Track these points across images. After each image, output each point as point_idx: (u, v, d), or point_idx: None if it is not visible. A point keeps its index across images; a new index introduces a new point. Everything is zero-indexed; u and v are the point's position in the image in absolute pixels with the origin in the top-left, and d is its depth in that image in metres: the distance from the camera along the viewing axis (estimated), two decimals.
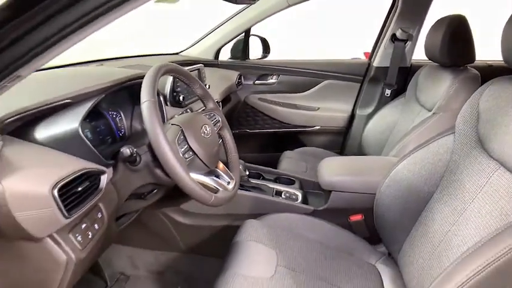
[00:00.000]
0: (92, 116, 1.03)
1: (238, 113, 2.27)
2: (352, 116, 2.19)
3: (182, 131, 0.93)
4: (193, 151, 0.94)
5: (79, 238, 0.77)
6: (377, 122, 1.97)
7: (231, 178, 1.05)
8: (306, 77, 2.22)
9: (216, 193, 0.93)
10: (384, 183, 1.20)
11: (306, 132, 2.26)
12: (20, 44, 0.54)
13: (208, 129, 1.01)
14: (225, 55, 2.28)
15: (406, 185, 1.14)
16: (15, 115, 0.77)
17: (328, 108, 2.21)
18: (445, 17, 1.50)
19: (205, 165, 0.97)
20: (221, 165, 1.08)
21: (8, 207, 0.65)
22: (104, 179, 0.81)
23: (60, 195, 0.68)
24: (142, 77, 0.96)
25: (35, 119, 0.81)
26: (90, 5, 0.51)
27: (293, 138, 2.29)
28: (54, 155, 0.77)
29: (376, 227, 1.23)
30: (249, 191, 1.44)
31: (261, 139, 2.35)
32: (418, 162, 1.12)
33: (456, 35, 1.46)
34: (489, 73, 1.24)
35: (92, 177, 0.78)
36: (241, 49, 2.20)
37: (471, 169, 0.95)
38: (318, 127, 2.23)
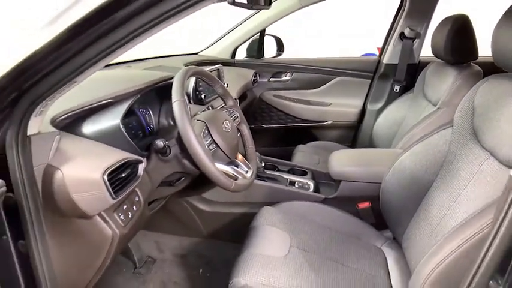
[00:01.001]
0: (125, 113, 1.17)
1: (254, 109, 2.39)
2: (363, 111, 2.28)
3: (206, 126, 1.06)
4: (216, 143, 1.07)
5: (122, 217, 0.91)
6: (386, 117, 2.06)
7: (248, 168, 1.17)
8: (318, 74, 2.32)
9: (236, 180, 1.06)
10: (389, 173, 1.30)
11: (319, 126, 2.36)
12: (80, 56, 0.68)
13: (228, 124, 1.14)
14: (241, 54, 2.41)
15: (409, 174, 1.24)
16: (66, 113, 0.91)
17: (339, 104, 2.31)
18: (449, 17, 1.58)
19: (227, 156, 1.10)
20: (240, 156, 1.21)
21: (67, 189, 0.79)
22: (141, 168, 0.95)
23: (108, 180, 0.82)
24: (170, 79, 1.09)
25: (82, 117, 0.96)
26: (132, 26, 0.64)
27: (306, 132, 2.40)
28: (100, 147, 0.91)
29: (382, 212, 1.34)
30: (265, 181, 1.56)
31: (276, 133, 2.47)
32: (420, 153, 1.23)
33: (459, 34, 1.54)
34: (494, 68, 1.31)
35: (131, 166, 0.92)
36: (257, 48, 2.32)
37: (466, 159, 1.05)
38: (330, 122, 2.33)
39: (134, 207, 0.97)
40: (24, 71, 0.68)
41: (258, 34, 2.27)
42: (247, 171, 1.15)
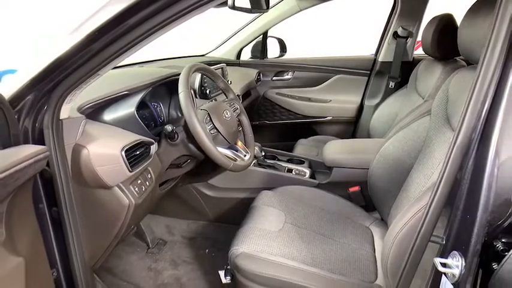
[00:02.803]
0: (139, 106, 1.34)
1: (258, 106, 2.54)
2: (361, 107, 2.41)
3: (209, 114, 1.22)
4: (216, 129, 1.23)
5: (136, 189, 1.07)
6: (383, 111, 2.19)
7: (247, 152, 1.33)
8: (318, 72, 2.47)
9: (235, 161, 1.22)
10: (375, 158, 1.44)
11: (319, 122, 2.50)
12: (102, 53, 0.84)
13: (228, 113, 1.30)
14: (246, 56, 2.57)
15: (392, 159, 1.38)
16: (90, 103, 1.08)
17: (339, 100, 2.45)
18: (436, 16, 1.71)
19: (227, 140, 1.25)
20: (240, 143, 1.36)
21: (91, 163, 0.96)
22: (153, 148, 1.12)
23: (125, 156, 0.98)
24: (177, 75, 1.26)
25: (103, 106, 1.12)
26: (141, 30, 0.80)
27: (307, 128, 2.54)
28: (119, 130, 1.08)
29: (370, 195, 1.47)
30: (265, 168, 1.71)
31: (279, 129, 2.61)
32: (402, 140, 1.36)
33: (444, 31, 1.66)
34: None
35: (145, 146, 1.08)
36: (260, 49, 2.48)
37: (440, 141, 1.18)
38: (330, 117, 2.47)
39: (147, 182, 1.13)
40: (58, 66, 0.84)
41: (261, 36, 2.43)
42: (245, 155, 1.30)
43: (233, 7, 1.22)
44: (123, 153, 0.97)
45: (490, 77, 0.70)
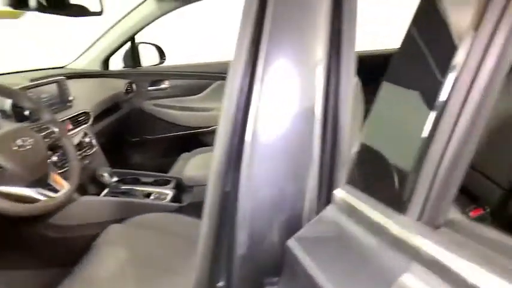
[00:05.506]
0: None
1: (135, 120, 2.27)
2: None
3: None
4: None
5: None
6: None
7: (62, 187, 1.07)
8: (198, 79, 2.28)
9: (34, 202, 0.95)
10: None
11: (205, 132, 2.31)
12: None
13: (27, 141, 1.02)
14: (119, 65, 2.29)
15: None
16: None
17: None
18: None
19: (21, 177, 0.98)
20: (54, 175, 1.10)
21: None
22: None
23: None
24: None
25: None
26: None
27: (193, 140, 2.32)
28: None
29: None
30: (118, 196, 1.46)
31: (162, 144, 2.37)
32: None
33: None
34: None
35: None
36: (130, 57, 2.22)
37: None
38: (215, 127, 2.29)
39: None
40: None
41: (130, 43, 2.17)
42: (58, 191, 1.05)
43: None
44: None
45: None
